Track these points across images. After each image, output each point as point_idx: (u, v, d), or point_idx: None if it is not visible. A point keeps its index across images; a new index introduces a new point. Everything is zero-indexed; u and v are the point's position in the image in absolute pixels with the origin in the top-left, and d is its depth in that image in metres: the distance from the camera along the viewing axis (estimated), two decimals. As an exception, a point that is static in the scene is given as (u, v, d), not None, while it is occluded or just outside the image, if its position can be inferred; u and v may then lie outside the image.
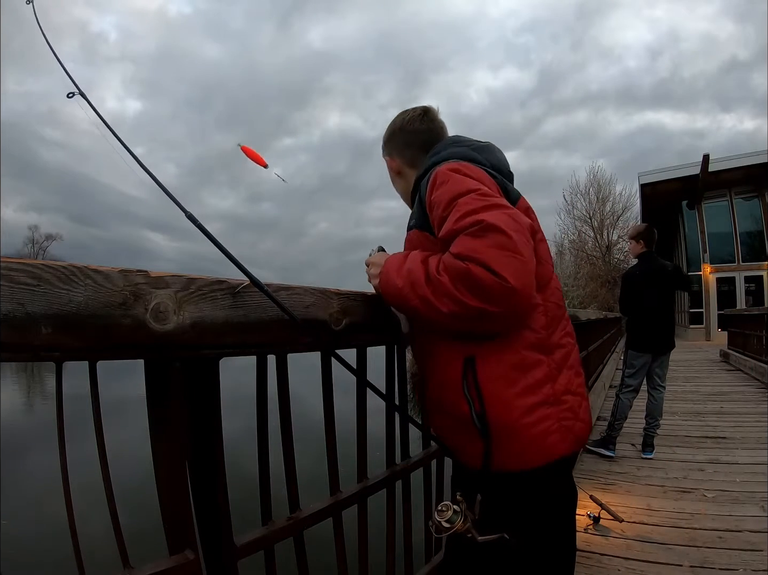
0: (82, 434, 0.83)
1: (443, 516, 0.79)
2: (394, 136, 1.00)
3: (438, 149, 0.91)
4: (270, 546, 0.81)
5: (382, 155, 1.05)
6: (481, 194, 0.70)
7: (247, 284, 0.68)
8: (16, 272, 0.45)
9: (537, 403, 0.74)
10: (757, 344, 6.57)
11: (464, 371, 0.76)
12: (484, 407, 0.74)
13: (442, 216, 0.73)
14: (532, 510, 0.79)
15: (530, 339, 0.76)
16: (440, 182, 0.76)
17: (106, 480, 0.60)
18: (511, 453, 0.75)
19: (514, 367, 0.74)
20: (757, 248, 14.63)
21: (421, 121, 0.97)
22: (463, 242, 0.66)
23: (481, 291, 0.63)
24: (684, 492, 2.41)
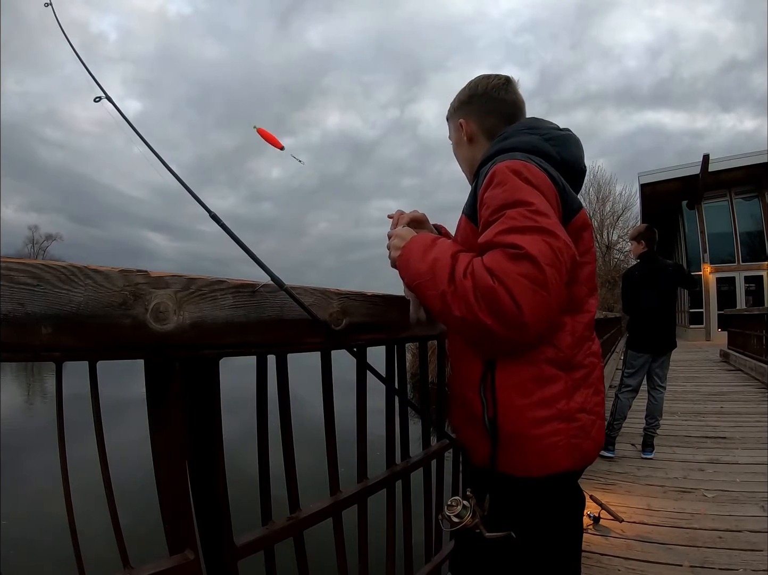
0: (82, 434, 0.84)
1: (453, 511, 0.81)
2: (475, 99, 0.92)
3: (508, 134, 0.85)
4: (270, 546, 0.81)
5: (450, 118, 0.98)
6: (531, 210, 0.67)
7: (264, 284, 0.69)
8: (16, 272, 0.45)
9: (548, 417, 0.74)
10: (757, 344, 6.58)
11: (484, 373, 0.76)
12: (496, 413, 0.75)
13: (488, 220, 0.71)
14: (534, 513, 0.80)
15: (552, 356, 0.75)
16: (497, 182, 0.72)
17: (106, 480, 0.60)
18: (515, 460, 0.76)
19: (531, 379, 0.74)
20: (757, 248, 14.62)
21: (506, 91, 0.91)
22: (498, 258, 0.65)
23: (496, 313, 0.63)
24: (684, 492, 2.41)
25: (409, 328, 1.08)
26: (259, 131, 1.19)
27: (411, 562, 1.22)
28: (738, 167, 13.77)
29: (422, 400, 1.35)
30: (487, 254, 0.67)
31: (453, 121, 0.97)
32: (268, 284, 0.70)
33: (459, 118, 0.94)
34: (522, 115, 0.92)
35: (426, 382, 1.36)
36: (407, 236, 0.83)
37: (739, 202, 15.05)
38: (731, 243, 14.95)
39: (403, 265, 0.79)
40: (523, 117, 0.92)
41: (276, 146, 1.19)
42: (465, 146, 0.95)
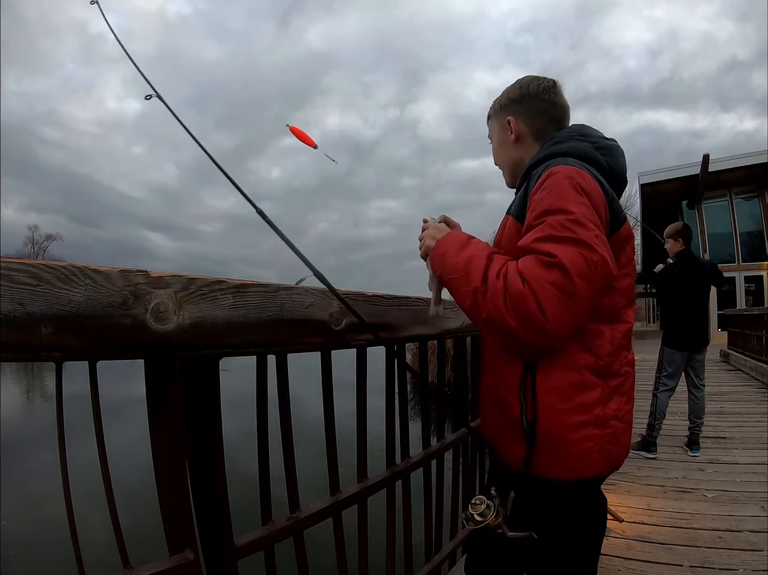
0: (82, 434, 0.84)
1: (476, 509, 0.81)
2: (526, 99, 0.91)
3: (560, 138, 0.86)
4: (270, 546, 0.81)
5: (493, 116, 0.96)
6: (572, 220, 0.68)
7: (302, 279, 0.69)
8: (16, 272, 0.45)
9: (585, 422, 0.75)
10: (757, 344, 6.57)
11: (523, 376, 0.77)
12: (536, 416, 0.75)
13: (530, 224, 0.72)
14: (561, 515, 0.81)
15: (592, 363, 0.76)
16: (548, 186, 0.73)
17: (106, 480, 0.60)
18: (550, 463, 0.77)
19: (571, 384, 0.75)
20: (757, 248, 14.61)
21: (555, 94, 0.91)
22: (531, 264, 0.66)
23: (521, 316, 0.65)
24: (684, 492, 2.41)
25: (429, 320, 1.07)
26: (292, 130, 1.17)
27: (411, 562, 1.22)
28: (738, 167, 13.75)
29: (422, 400, 1.35)
30: (522, 259, 0.69)
31: (497, 119, 0.95)
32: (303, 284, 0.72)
33: (507, 116, 0.92)
34: (568, 119, 0.92)
35: (426, 382, 1.36)
36: (443, 229, 0.85)
37: (739, 202, 15.04)
38: (731, 243, 14.93)
39: (438, 258, 0.80)
40: (568, 122, 0.92)
41: (310, 144, 1.17)
42: (510, 146, 0.93)
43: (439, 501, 1.37)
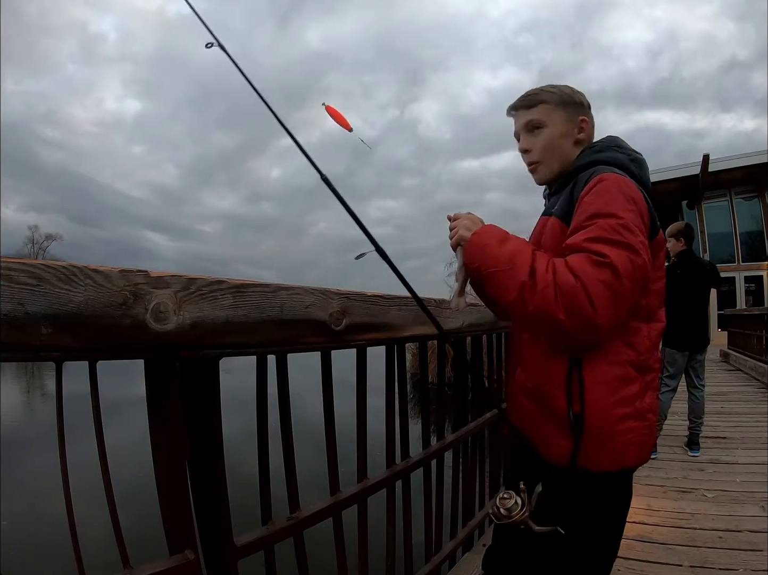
0: (82, 434, 0.83)
1: (505, 505, 0.80)
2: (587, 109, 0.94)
3: (600, 147, 0.90)
4: (270, 546, 0.81)
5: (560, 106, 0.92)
6: (621, 224, 0.72)
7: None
8: (16, 272, 0.45)
9: (628, 415, 0.79)
10: (757, 344, 6.57)
11: (569, 370, 0.79)
12: (584, 409, 0.78)
13: (579, 225, 0.76)
14: (597, 506, 0.83)
15: (633, 358, 0.80)
16: (597, 191, 0.77)
17: (106, 480, 0.60)
18: (596, 455, 0.79)
19: (617, 378, 0.79)
20: (757, 248, 14.60)
21: None
22: (582, 262, 0.70)
23: (572, 311, 0.68)
24: (684, 492, 2.41)
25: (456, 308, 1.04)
26: (328, 110, 1.14)
27: (411, 562, 1.22)
28: (738, 167, 13.75)
29: (422, 400, 1.35)
30: (571, 256, 0.72)
31: (565, 111, 0.92)
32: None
33: (581, 116, 0.93)
34: None
35: (426, 382, 1.36)
36: (477, 221, 0.86)
37: (739, 202, 15.04)
38: (731, 243, 14.93)
39: (477, 249, 0.82)
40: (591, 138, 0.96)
41: (345, 127, 1.14)
42: (570, 143, 0.92)
43: (439, 501, 1.37)
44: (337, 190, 0.80)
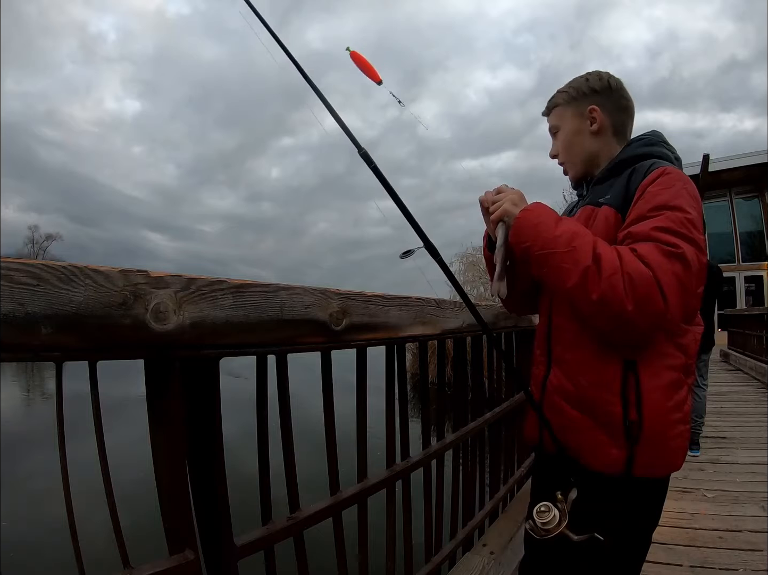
0: (82, 434, 0.83)
1: (543, 517, 0.76)
2: (607, 93, 0.89)
3: (651, 141, 0.87)
4: (270, 546, 0.81)
5: (569, 103, 0.91)
6: (690, 220, 0.71)
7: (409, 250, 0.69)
8: (16, 272, 0.45)
9: (679, 419, 0.77)
10: (757, 344, 6.58)
11: (624, 374, 0.75)
12: (642, 414, 0.74)
13: (644, 214, 0.72)
14: (639, 512, 0.81)
15: (683, 362, 0.78)
16: (663, 182, 0.75)
17: (106, 480, 0.60)
18: (649, 461, 0.76)
19: (671, 382, 0.76)
20: (757, 248, 14.61)
21: (628, 92, 0.92)
22: (654, 252, 0.67)
23: (644, 302, 0.65)
24: (684, 492, 2.41)
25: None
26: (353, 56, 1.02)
27: (411, 562, 1.22)
28: (738, 167, 13.75)
29: (422, 400, 1.35)
30: (639, 244, 0.69)
31: (574, 108, 0.91)
32: None
33: (589, 105, 0.89)
34: (632, 118, 0.93)
35: (426, 382, 1.36)
36: (524, 198, 0.82)
37: (739, 202, 15.04)
38: (731, 243, 14.93)
39: (530, 227, 0.76)
40: (632, 123, 0.93)
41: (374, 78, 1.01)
42: (588, 136, 0.90)
43: (439, 501, 1.37)
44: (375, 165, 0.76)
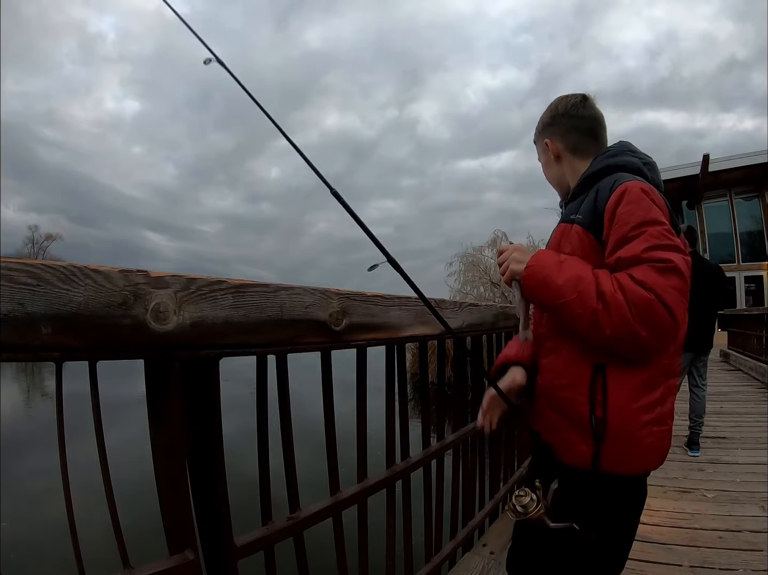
0: (82, 434, 0.83)
1: (520, 501, 0.82)
2: (556, 120, 0.97)
3: (614, 152, 0.90)
4: (270, 546, 0.81)
5: (536, 140, 1.03)
6: (667, 230, 0.74)
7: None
8: (16, 272, 0.45)
9: (650, 421, 0.79)
10: (757, 344, 6.57)
11: (593, 376, 0.79)
12: (606, 414, 0.78)
13: (626, 235, 0.75)
14: (612, 508, 0.83)
15: (658, 364, 0.79)
16: (630, 200, 0.77)
17: (106, 480, 0.60)
18: (615, 459, 0.80)
19: (641, 384, 0.78)
20: (757, 248, 14.62)
21: (584, 107, 0.96)
22: (648, 273, 0.69)
23: (655, 325, 0.68)
24: (684, 492, 2.41)
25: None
26: None
27: (411, 562, 1.22)
28: (738, 167, 13.77)
29: (422, 400, 1.35)
30: (633, 268, 0.71)
31: (540, 144, 1.01)
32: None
33: (544, 140, 0.99)
34: (603, 128, 0.97)
35: (426, 382, 1.36)
36: (525, 251, 0.86)
37: (739, 202, 15.05)
38: (731, 243, 14.94)
39: (538, 282, 0.80)
40: (604, 130, 0.97)
41: None
42: (554, 165, 0.99)
43: (439, 501, 1.37)
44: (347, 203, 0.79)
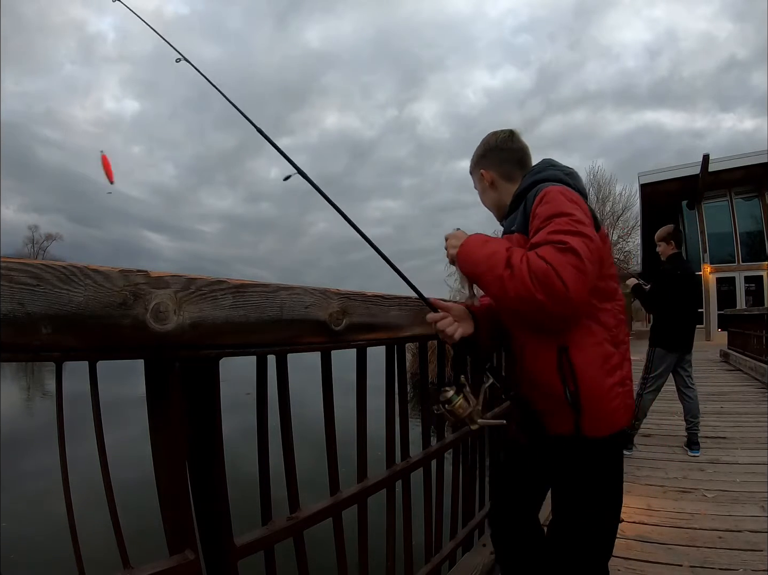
0: (82, 434, 0.83)
1: (444, 396, 0.92)
2: (489, 153, 1.13)
3: (539, 169, 1.06)
4: (270, 546, 0.81)
5: (472, 171, 1.18)
6: (573, 220, 0.86)
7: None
8: (16, 272, 0.45)
9: (614, 384, 0.94)
10: (757, 344, 6.57)
11: (559, 356, 0.93)
12: (578, 386, 0.92)
13: (538, 227, 0.89)
14: (598, 468, 0.97)
15: (606, 336, 0.95)
16: (547, 200, 0.92)
17: (106, 480, 0.60)
18: (593, 423, 0.93)
19: (599, 355, 0.93)
20: (757, 248, 14.60)
21: (512, 141, 1.12)
22: (549, 250, 0.82)
23: (551, 292, 0.79)
24: (684, 492, 2.41)
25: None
26: (103, 158, 1.24)
27: (411, 562, 1.22)
28: (738, 167, 13.74)
29: (422, 400, 1.35)
30: (540, 248, 0.84)
31: (475, 174, 1.17)
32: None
33: (479, 171, 1.14)
34: (528, 156, 1.13)
35: (426, 382, 1.36)
36: (461, 236, 1.00)
37: (739, 202, 15.03)
38: (731, 243, 14.93)
39: (464, 258, 0.95)
40: (529, 158, 1.13)
41: (109, 178, 1.25)
42: (489, 192, 1.15)
43: (439, 501, 1.37)
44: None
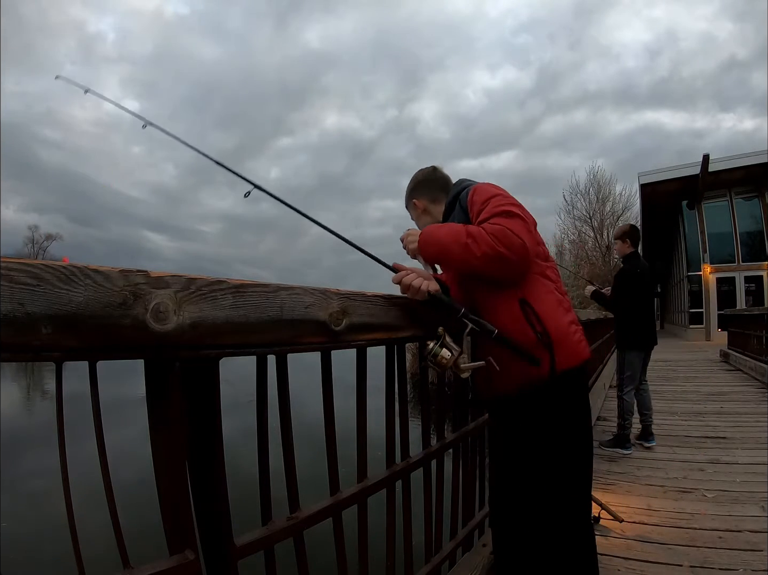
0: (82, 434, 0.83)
1: (427, 350, 1.01)
2: (418, 185, 1.36)
3: (459, 182, 1.31)
4: (270, 546, 0.81)
5: (407, 205, 1.39)
6: (504, 197, 1.11)
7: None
8: (16, 272, 0.45)
9: (570, 321, 1.12)
10: (757, 344, 6.56)
11: (522, 307, 1.08)
12: (544, 326, 1.07)
13: (480, 209, 1.09)
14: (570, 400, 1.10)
15: (553, 287, 1.14)
16: (478, 192, 1.15)
17: (106, 480, 0.60)
18: (564, 357, 1.07)
19: (553, 300, 1.12)
20: (757, 248, 14.59)
21: (434, 173, 1.36)
22: (498, 218, 1.02)
23: (513, 246, 0.98)
24: (684, 492, 2.41)
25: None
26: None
27: (411, 562, 1.22)
28: (738, 167, 13.73)
29: (422, 400, 1.35)
30: (488, 220, 1.03)
31: (410, 206, 1.38)
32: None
33: (412, 201, 1.37)
34: (450, 183, 1.35)
35: (426, 382, 1.36)
36: (417, 232, 1.17)
37: (739, 202, 15.02)
38: (731, 243, 14.91)
39: (427, 241, 1.10)
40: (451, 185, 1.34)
41: None
42: (423, 217, 1.36)
43: (439, 501, 1.37)
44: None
